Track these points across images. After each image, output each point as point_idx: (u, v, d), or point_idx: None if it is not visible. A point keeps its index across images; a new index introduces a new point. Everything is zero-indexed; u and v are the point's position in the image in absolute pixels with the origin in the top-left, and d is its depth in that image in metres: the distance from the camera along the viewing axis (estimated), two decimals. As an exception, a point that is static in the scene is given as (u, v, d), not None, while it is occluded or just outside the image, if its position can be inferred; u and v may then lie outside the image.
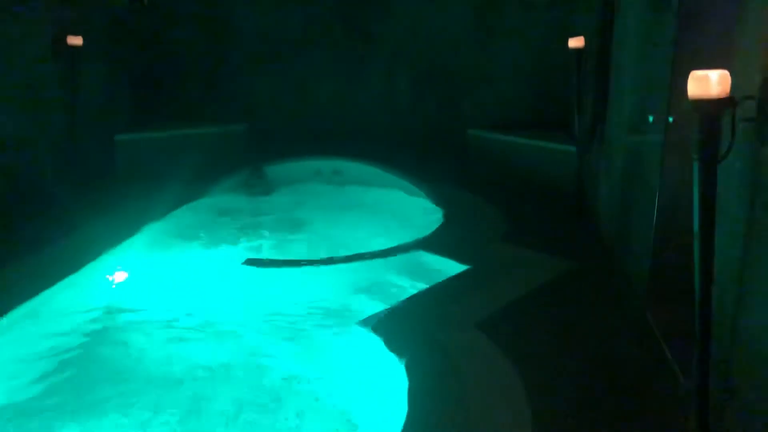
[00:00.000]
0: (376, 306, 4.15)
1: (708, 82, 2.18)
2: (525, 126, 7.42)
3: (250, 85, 8.05)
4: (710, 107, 2.19)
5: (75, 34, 6.00)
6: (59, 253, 4.81)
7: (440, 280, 4.42)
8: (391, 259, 4.92)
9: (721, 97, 2.19)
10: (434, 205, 6.27)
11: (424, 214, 6.15)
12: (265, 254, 5.34)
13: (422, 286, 4.39)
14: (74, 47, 5.98)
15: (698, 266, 2.33)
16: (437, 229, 5.49)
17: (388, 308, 4.03)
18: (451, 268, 4.66)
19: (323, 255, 5.02)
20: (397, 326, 3.73)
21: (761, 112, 2.22)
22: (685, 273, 2.63)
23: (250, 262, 4.85)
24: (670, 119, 3.30)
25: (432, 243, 5.12)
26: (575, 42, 5.38)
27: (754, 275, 2.27)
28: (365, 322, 3.84)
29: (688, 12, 3.25)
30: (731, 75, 2.23)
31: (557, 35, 7.21)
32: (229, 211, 6.35)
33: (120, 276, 4.83)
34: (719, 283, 2.42)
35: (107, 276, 4.78)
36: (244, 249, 5.43)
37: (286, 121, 7.95)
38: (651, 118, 3.37)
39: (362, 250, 5.03)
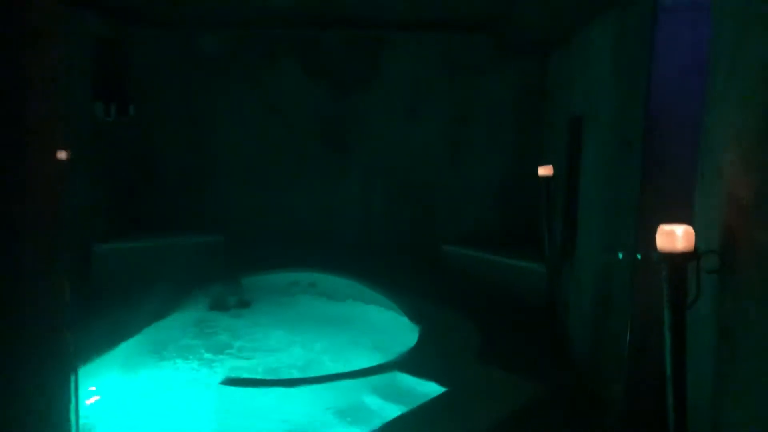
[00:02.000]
0: (352, 432, 4.13)
1: (674, 237, 2.37)
2: (496, 241, 7.68)
3: (229, 196, 8.23)
4: (677, 260, 2.38)
5: (61, 147, 6.13)
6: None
7: (416, 404, 4.42)
8: (368, 380, 4.92)
9: (687, 251, 2.38)
10: (410, 321, 6.33)
11: (399, 330, 6.20)
12: (240, 372, 5.30)
13: (399, 409, 4.40)
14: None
15: (671, 413, 2.44)
16: (413, 348, 5.53)
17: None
18: (428, 389, 4.69)
19: (298, 373, 5.02)
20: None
21: (723, 264, 2.41)
22: (660, 403, 2.75)
23: (227, 381, 4.81)
24: (638, 256, 3.51)
25: (408, 362, 5.15)
26: (544, 170, 5.70)
27: (724, 422, 2.38)
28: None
29: (652, 154, 3.53)
30: (694, 227, 2.43)
31: (526, 155, 7.66)
32: (204, 325, 6.33)
33: (90, 398, 4.73)
34: (693, 423, 2.52)
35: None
36: (218, 366, 5.39)
37: (263, 232, 8.08)
38: (620, 255, 3.59)
39: (339, 368, 5.03)
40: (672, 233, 2.38)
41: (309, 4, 6.43)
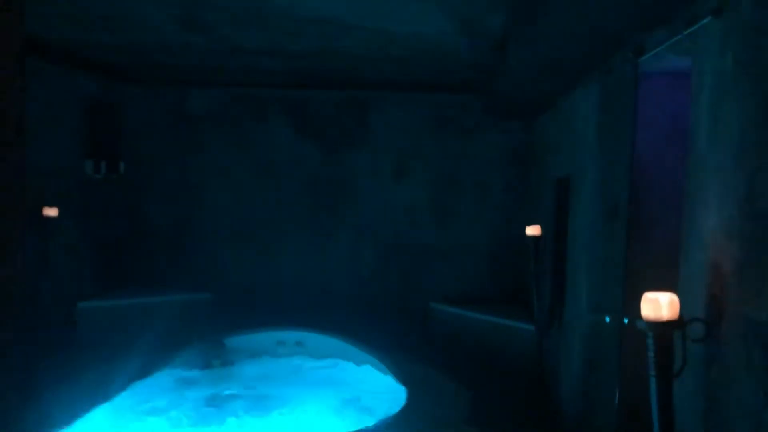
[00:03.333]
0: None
1: (659, 305, 2.38)
2: (484, 300, 7.66)
3: (217, 255, 8.20)
4: (662, 328, 2.37)
5: (50, 204, 6.15)
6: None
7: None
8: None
9: (671, 319, 2.38)
10: (397, 382, 6.24)
11: (386, 392, 6.11)
12: (224, 435, 5.19)
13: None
14: (48, 218, 6.10)
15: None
16: (400, 411, 5.43)
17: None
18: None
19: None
20: None
21: (708, 333, 2.41)
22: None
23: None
24: (625, 321, 3.50)
25: (394, 426, 5.05)
26: (532, 230, 5.73)
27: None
28: None
29: (637, 218, 3.57)
30: (679, 294, 2.44)
31: (514, 216, 7.73)
32: (188, 386, 6.21)
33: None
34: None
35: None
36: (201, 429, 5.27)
37: (250, 291, 8.02)
38: (607, 318, 3.59)
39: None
40: (656, 301, 2.38)
41: (298, 65, 6.56)
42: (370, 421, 5.24)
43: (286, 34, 5.31)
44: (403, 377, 6.25)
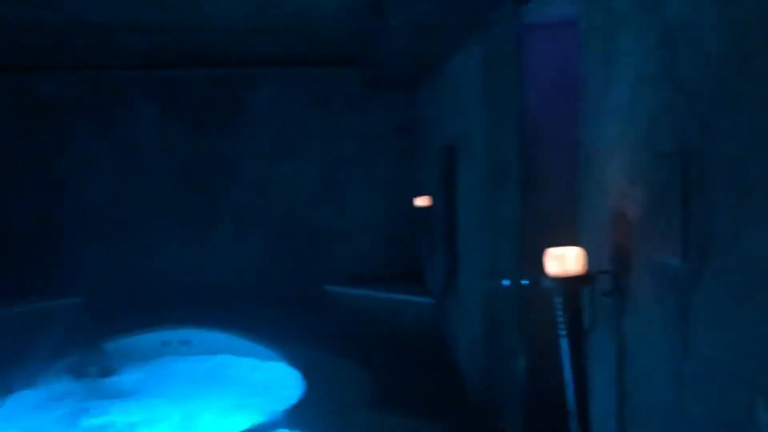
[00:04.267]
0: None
1: (565, 260, 2.22)
2: (382, 279, 7.48)
3: (87, 255, 7.50)
4: (570, 284, 2.22)
5: None
6: None
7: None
8: (252, 442, 4.49)
9: (579, 274, 2.23)
10: (295, 370, 5.93)
11: (283, 383, 5.79)
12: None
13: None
14: None
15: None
16: (299, 401, 5.14)
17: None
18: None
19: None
20: None
21: (617, 286, 2.28)
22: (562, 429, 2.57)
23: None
24: (524, 282, 3.38)
25: (294, 418, 4.76)
26: (422, 201, 5.57)
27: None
28: None
29: (529, 177, 3.44)
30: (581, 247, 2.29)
31: (404, 190, 7.56)
32: (60, 399, 5.59)
33: None
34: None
35: None
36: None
37: (129, 292, 7.42)
38: (505, 282, 3.45)
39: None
40: (562, 256, 2.22)
41: (160, 41, 6.01)
42: (267, 416, 4.91)
43: (140, 4, 4.79)
44: (300, 365, 5.94)
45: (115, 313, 7.09)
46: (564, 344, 2.27)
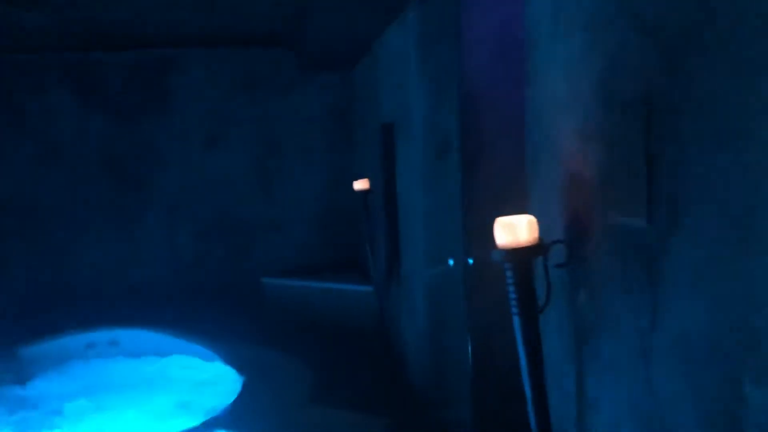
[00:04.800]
0: None
1: (516, 229, 1.99)
2: (320, 269, 7.19)
3: (3, 253, 6.94)
4: (522, 255, 1.99)
5: None
6: None
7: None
8: (184, 448, 4.16)
9: (532, 243, 2.00)
10: (230, 368, 5.61)
11: (220, 382, 5.46)
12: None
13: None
14: None
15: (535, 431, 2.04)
16: (236, 399, 4.82)
17: None
18: (256, 446, 4.03)
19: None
20: None
21: (572, 255, 2.07)
22: (511, 420, 2.36)
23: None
24: (470, 261, 3.16)
25: (230, 417, 4.45)
26: (360, 184, 5.31)
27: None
28: None
29: (471, 150, 3.22)
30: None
31: (342, 176, 7.26)
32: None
33: None
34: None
35: None
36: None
37: (48, 295, 6.91)
38: (451, 262, 3.21)
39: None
40: (512, 225, 1.99)
41: (71, 18, 5.53)
42: (201, 418, 4.59)
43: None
44: (237, 363, 5.62)
45: (36, 314, 6.58)
46: (517, 323, 2.04)
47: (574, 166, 2.04)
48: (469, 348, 3.32)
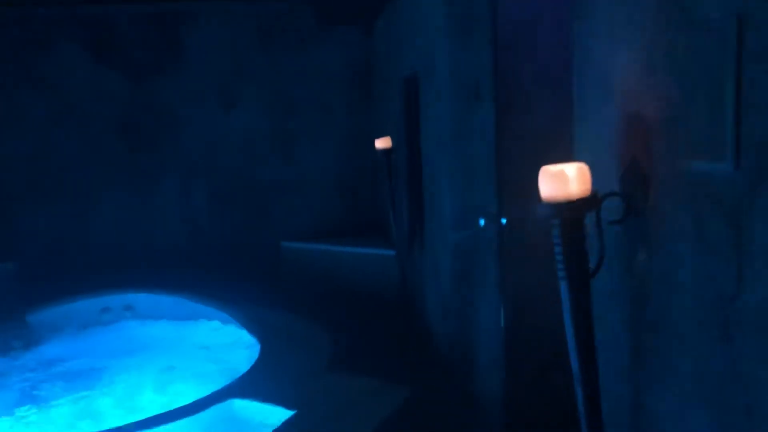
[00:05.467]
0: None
1: (565, 179, 1.69)
2: (341, 233, 6.94)
3: (14, 216, 6.78)
4: (572, 210, 1.70)
5: None
6: None
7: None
8: (199, 416, 3.97)
9: (583, 196, 1.71)
10: (248, 334, 5.42)
11: (235, 347, 5.29)
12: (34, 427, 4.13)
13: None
14: None
15: (584, 418, 1.77)
16: (253, 367, 4.63)
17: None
18: (274, 415, 3.83)
19: (112, 422, 3.96)
20: None
21: (630, 210, 1.78)
22: (545, 392, 2.10)
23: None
24: (503, 221, 2.87)
25: (247, 386, 4.25)
26: (382, 143, 5.01)
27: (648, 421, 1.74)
28: None
29: (506, 100, 2.90)
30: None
31: (362, 136, 6.95)
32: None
33: None
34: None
35: None
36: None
37: (64, 255, 6.75)
38: (482, 222, 2.92)
39: (165, 404, 4.04)
40: (562, 174, 1.70)
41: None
42: (221, 383, 4.40)
43: None
44: (255, 328, 5.42)
45: (51, 279, 6.44)
46: (564, 288, 1.76)
47: (634, 104, 1.73)
48: (502, 316, 3.05)
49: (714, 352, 1.43)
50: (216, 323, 5.86)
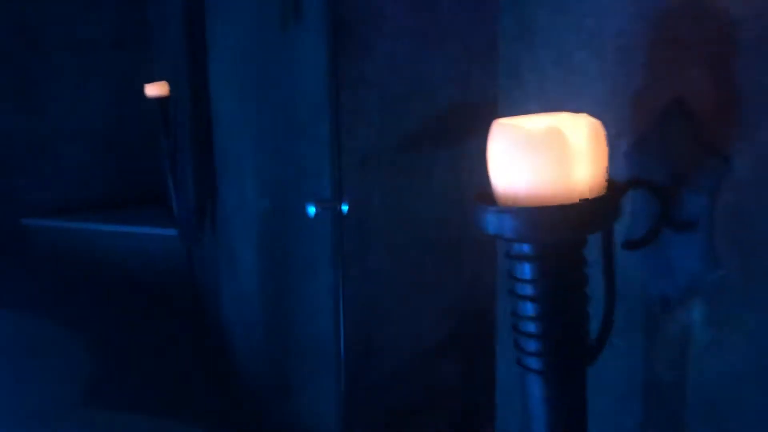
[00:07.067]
0: None
1: (566, 155, 0.71)
2: (111, 205, 5.50)
3: None
4: (573, 229, 0.73)
5: None
6: None
7: None
8: None
9: (598, 194, 0.74)
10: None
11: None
12: None
13: None
14: None
15: None
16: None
17: None
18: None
19: None
20: None
21: (662, 220, 0.85)
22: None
23: None
24: (345, 208, 1.86)
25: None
26: (155, 89, 3.74)
27: None
28: None
29: (348, 23, 1.84)
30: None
31: (140, 78, 5.46)
32: None
33: None
34: None
35: None
36: None
37: None
38: (311, 210, 1.86)
39: None
40: (557, 140, 0.71)
41: None
42: None
43: None
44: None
45: None
46: (535, 386, 0.80)
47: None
48: (342, 339, 2.06)
49: None
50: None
